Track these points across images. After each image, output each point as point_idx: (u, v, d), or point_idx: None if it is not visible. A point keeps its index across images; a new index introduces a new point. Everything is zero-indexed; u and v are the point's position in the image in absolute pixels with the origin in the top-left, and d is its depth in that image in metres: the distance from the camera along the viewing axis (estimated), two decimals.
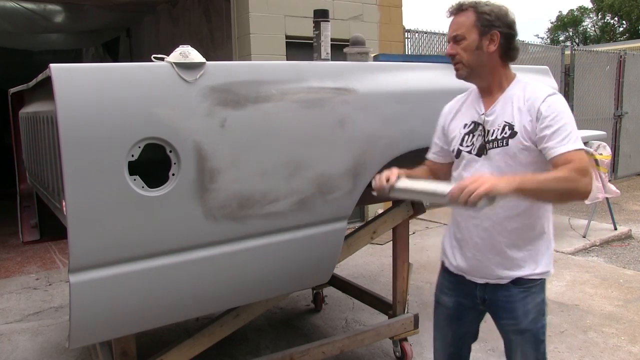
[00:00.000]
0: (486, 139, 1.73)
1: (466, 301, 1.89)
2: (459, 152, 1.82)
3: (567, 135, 1.57)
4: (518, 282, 1.76)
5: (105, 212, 1.65)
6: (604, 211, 6.28)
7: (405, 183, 1.72)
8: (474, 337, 2.00)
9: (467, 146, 1.79)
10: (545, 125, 1.60)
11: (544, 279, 1.78)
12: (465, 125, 1.81)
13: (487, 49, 1.68)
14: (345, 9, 5.96)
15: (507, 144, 1.68)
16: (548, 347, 3.18)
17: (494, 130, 1.72)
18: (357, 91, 2.16)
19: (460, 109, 1.87)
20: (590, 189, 1.56)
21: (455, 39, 1.71)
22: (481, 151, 1.74)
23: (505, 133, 1.69)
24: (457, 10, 1.72)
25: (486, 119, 1.75)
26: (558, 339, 3.26)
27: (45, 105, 2.16)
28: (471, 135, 1.78)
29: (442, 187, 1.58)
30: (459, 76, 1.77)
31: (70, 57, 11.38)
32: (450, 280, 1.92)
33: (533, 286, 1.76)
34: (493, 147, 1.71)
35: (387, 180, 1.71)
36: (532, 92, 1.67)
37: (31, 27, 8.08)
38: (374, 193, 1.79)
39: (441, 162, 1.96)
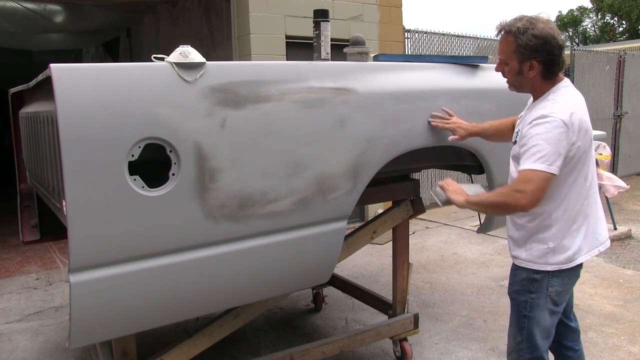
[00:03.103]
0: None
1: None
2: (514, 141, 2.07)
3: (529, 157, 1.76)
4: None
5: (105, 212, 1.65)
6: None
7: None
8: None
9: (515, 138, 2.02)
10: (521, 144, 1.82)
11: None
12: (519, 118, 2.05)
13: (527, 74, 1.85)
14: (345, 9, 5.96)
15: (511, 148, 1.97)
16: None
17: (514, 132, 2.00)
18: (357, 91, 2.16)
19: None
20: (522, 203, 1.75)
21: (501, 61, 1.90)
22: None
23: (514, 138, 1.96)
24: (501, 34, 1.87)
25: (518, 121, 2.00)
26: None
27: (45, 105, 2.16)
28: (516, 129, 2.03)
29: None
30: (509, 88, 1.99)
31: (70, 57, 11.38)
32: None
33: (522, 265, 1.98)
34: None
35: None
36: (536, 111, 1.82)
37: (31, 27, 8.08)
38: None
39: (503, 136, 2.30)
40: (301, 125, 2.01)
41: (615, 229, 5.76)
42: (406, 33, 6.73)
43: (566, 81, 1.89)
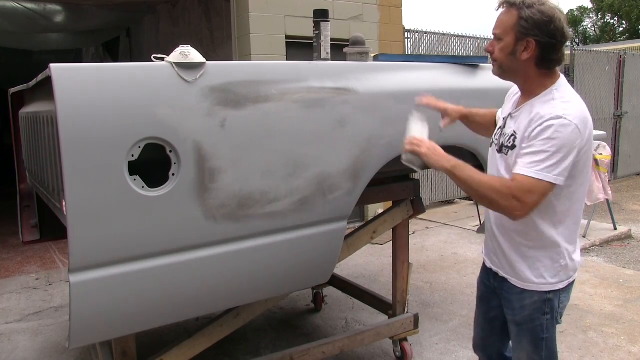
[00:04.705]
0: (502, 140, 1.76)
1: (489, 285, 1.95)
2: (491, 142, 1.87)
3: (537, 162, 1.55)
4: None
5: (105, 212, 1.65)
6: (603, 211, 6.28)
7: (416, 118, 1.91)
8: (505, 329, 1.96)
9: (495, 140, 1.83)
10: (529, 144, 1.58)
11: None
12: (503, 119, 1.83)
13: (520, 56, 1.62)
14: (345, 9, 5.96)
15: (507, 154, 1.71)
16: None
17: (507, 135, 1.74)
18: (357, 91, 2.16)
19: (509, 99, 1.88)
20: (516, 213, 1.58)
21: (495, 37, 1.67)
22: (500, 149, 1.77)
23: (509, 142, 1.71)
24: (503, 7, 1.65)
25: (509, 120, 1.77)
26: (558, 338, 3.24)
27: (45, 105, 2.16)
28: (500, 130, 1.81)
29: (415, 133, 1.83)
30: (493, 72, 1.75)
31: (70, 57, 11.38)
32: (484, 261, 2.01)
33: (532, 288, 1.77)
34: (502, 151, 1.75)
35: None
36: (545, 109, 1.60)
37: (31, 27, 8.08)
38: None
39: (487, 130, 2.06)
40: (301, 125, 2.01)
41: (615, 229, 5.76)
42: (406, 33, 6.73)
43: (563, 77, 1.70)
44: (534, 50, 1.60)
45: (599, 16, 34.57)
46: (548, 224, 1.69)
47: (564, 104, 1.59)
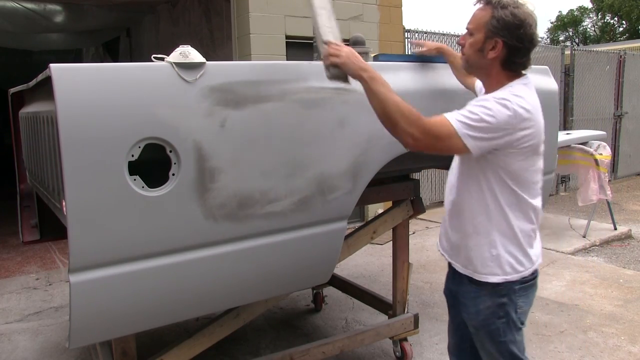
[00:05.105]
0: None
1: (452, 290, 1.97)
2: None
3: (462, 115, 1.57)
4: (469, 278, 1.81)
5: (105, 212, 1.65)
6: (603, 211, 6.28)
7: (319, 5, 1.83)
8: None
9: None
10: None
11: (500, 286, 1.73)
12: None
13: (487, 54, 1.65)
14: (345, 9, 5.96)
15: None
16: (547, 347, 3.19)
17: None
18: (357, 91, 2.15)
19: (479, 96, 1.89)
20: (410, 143, 1.60)
21: (468, 31, 1.70)
22: None
23: None
24: (480, 3, 1.69)
25: None
26: (558, 339, 3.26)
27: (45, 105, 2.16)
28: None
29: (327, 35, 1.74)
30: (461, 66, 1.80)
31: (70, 57, 11.40)
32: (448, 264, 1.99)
33: (482, 288, 1.77)
34: None
35: None
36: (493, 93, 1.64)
37: (31, 27, 8.09)
38: None
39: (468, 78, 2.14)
40: (301, 125, 2.01)
41: (615, 229, 5.76)
42: (406, 33, 6.73)
43: (527, 78, 1.70)
44: (500, 50, 1.63)
45: (599, 16, 34.60)
46: (484, 216, 1.71)
47: (511, 95, 1.60)
